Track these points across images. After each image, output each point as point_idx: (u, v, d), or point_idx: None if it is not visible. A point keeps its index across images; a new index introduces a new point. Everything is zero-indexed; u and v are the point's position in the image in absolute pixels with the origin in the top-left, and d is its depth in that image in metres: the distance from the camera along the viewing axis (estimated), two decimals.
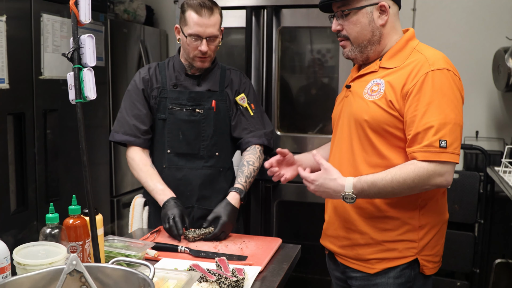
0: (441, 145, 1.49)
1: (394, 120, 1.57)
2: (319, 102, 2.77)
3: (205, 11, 2.01)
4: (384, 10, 1.62)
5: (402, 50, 1.64)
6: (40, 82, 2.65)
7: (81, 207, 1.57)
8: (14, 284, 1.02)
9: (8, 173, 2.50)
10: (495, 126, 3.41)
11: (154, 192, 2.05)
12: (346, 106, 1.73)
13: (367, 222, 1.66)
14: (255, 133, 2.18)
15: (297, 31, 2.73)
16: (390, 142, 1.60)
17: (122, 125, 2.15)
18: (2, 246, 1.29)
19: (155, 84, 2.16)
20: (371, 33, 1.63)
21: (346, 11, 1.63)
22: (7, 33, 2.41)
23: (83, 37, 1.23)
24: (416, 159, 1.52)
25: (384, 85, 1.59)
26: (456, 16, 3.41)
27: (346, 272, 1.77)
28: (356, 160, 1.65)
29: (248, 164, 2.13)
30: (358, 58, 1.70)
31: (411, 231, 1.63)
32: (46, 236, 1.44)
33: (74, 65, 1.21)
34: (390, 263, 1.65)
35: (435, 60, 1.55)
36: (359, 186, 1.56)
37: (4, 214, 2.46)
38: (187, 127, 2.14)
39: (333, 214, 1.76)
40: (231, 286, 1.49)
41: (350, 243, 1.71)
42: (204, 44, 2.03)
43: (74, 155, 2.94)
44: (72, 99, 1.23)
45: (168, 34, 4.03)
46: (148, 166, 2.11)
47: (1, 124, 2.44)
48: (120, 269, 1.06)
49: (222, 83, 2.20)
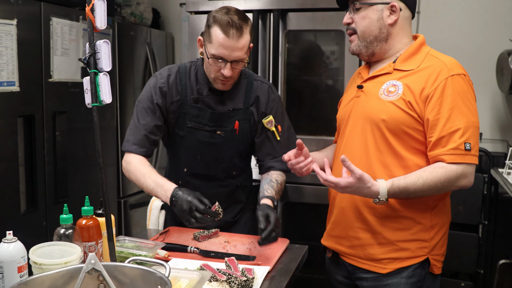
0: (466, 148, 1.54)
1: (412, 121, 1.60)
2: (325, 104, 2.80)
3: (233, 32, 1.77)
4: (395, 10, 1.66)
5: (416, 54, 1.68)
6: (49, 84, 2.69)
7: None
8: (35, 282, 1.05)
9: (18, 174, 2.54)
10: (498, 128, 3.44)
11: (155, 190, 1.82)
12: (358, 106, 1.74)
13: (380, 222, 1.67)
14: (279, 158, 2.00)
15: (302, 34, 2.77)
16: (406, 143, 1.62)
17: (133, 134, 1.96)
18: (19, 246, 1.32)
19: (175, 97, 1.96)
20: (379, 30, 1.68)
21: (358, 5, 1.68)
22: (17, 36, 2.46)
23: (99, 42, 1.26)
24: (444, 162, 1.56)
25: (401, 86, 1.62)
26: (460, 19, 3.44)
27: (355, 273, 1.77)
28: (370, 160, 1.67)
29: (277, 182, 2.00)
30: (363, 53, 1.73)
31: (423, 231, 1.66)
32: (60, 236, 1.48)
33: (90, 70, 1.24)
34: (402, 263, 1.66)
35: (453, 66, 1.60)
36: (392, 192, 1.57)
37: (14, 215, 2.50)
38: (206, 149, 2.00)
39: (341, 214, 1.77)
40: (241, 286, 1.51)
41: (361, 243, 1.71)
42: (228, 68, 1.82)
43: (82, 156, 2.98)
44: (88, 103, 1.26)
45: (174, 37, 4.07)
46: (145, 165, 1.90)
47: (11, 126, 2.48)
48: (138, 268, 1.09)
49: (248, 100, 1.99)
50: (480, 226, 3.01)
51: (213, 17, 1.80)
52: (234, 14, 1.79)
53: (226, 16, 1.77)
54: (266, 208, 1.81)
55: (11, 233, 1.34)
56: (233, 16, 1.77)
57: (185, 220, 1.70)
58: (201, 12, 2.79)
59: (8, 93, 2.43)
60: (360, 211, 1.70)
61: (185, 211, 1.68)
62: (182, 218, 1.71)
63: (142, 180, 1.87)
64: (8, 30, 2.40)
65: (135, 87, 3.50)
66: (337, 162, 1.81)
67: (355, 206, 1.71)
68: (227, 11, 1.80)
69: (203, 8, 2.78)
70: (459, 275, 3.09)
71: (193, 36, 2.82)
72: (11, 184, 2.50)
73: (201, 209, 1.66)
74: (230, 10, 1.81)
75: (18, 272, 1.30)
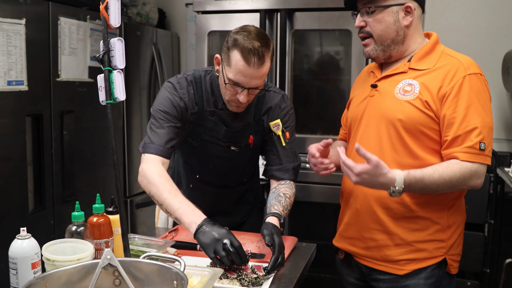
0: (481, 148, 1.53)
1: (429, 121, 1.58)
2: (331, 103, 2.81)
3: (255, 60, 1.67)
4: (410, 11, 1.63)
5: (431, 53, 1.65)
6: (57, 84, 2.70)
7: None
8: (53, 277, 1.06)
9: (26, 173, 2.55)
10: (504, 127, 3.44)
11: (180, 212, 1.65)
12: (372, 105, 1.71)
13: (396, 223, 1.65)
14: (282, 166, 1.97)
15: (309, 34, 2.78)
16: (422, 143, 1.61)
17: (156, 136, 1.81)
18: (33, 243, 1.34)
19: (194, 109, 1.89)
20: (396, 33, 1.64)
21: (373, 8, 1.63)
22: (26, 36, 2.47)
23: (113, 40, 1.27)
24: (457, 159, 1.54)
25: (418, 86, 1.60)
26: (466, 18, 3.44)
27: (370, 275, 1.74)
28: (386, 160, 1.60)
29: (285, 196, 1.91)
30: (380, 57, 1.69)
31: (440, 231, 1.64)
32: (72, 234, 1.49)
33: (104, 68, 1.25)
34: (420, 263, 1.65)
35: (470, 65, 1.59)
36: (408, 180, 1.54)
37: (23, 213, 2.51)
38: (219, 161, 1.98)
39: (355, 215, 1.74)
40: (251, 283, 1.51)
41: (376, 245, 1.69)
42: (244, 94, 1.75)
43: (89, 155, 3.00)
44: (102, 100, 1.27)
45: (179, 37, 4.09)
46: (171, 181, 1.74)
47: (20, 125, 2.50)
48: (154, 264, 1.10)
49: (259, 112, 1.95)
50: (486, 225, 3.02)
51: (234, 40, 1.70)
52: (256, 38, 1.69)
53: (248, 41, 1.67)
54: (271, 228, 1.71)
55: (25, 229, 1.35)
56: (255, 42, 1.67)
57: (211, 250, 1.54)
58: (208, 12, 2.81)
59: (17, 92, 2.44)
60: (375, 212, 1.68)
61: (217, 240, 1.54)
62: (208, 248, 1.55)
63: (164, 196, 1.69)
64: (17, 29, 2.42)
65: (141, 87, 3.52)
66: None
67: (369, 207, 1.69)
68: (248, 34, 1.69)
69: (210, 8, 2.80)
70: (465, 274, 3.09)
71: (200, 36, 2.84)
72: (20, 183, 2.51)
73: (236, 244, 1.53)
74: (251, 33, 1.70)
75: (32, 269, 1.32)
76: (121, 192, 1.26)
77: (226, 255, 1.51)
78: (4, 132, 2.41)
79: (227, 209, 2.10)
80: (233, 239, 1.54)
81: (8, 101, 2.41)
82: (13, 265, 1.30)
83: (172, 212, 1.67)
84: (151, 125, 1.85)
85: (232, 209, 2.11)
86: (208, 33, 2.81)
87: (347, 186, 1.79)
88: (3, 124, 2.40)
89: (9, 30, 2.38)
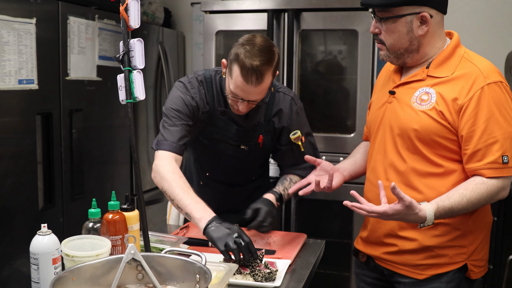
0: (503, 161, 1.51)
1: (444, 131, 1.56)
2: (338, 103, 2.84)
3: (253, 79, 1.71)
4: (425, 20, 1.55)
5: (451, 58, 1.60)
6: (66, 82, 2.73)
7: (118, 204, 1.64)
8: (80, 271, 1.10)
9: (36, 171, 2.57)
10: None
11: (191, 208, 1.69)
12: (389, 112, 1.69)
13: (416, 229, 1.62)
14: (300, 166, 2.04)
15: (316, 34, 2.81)
16: (437, 151, 1.59)
17: (169, 134, 1.86)
18: (54, 239, 1.37)
19: (204, 109, 1.93)
20: (409, 42, 1.59)
21: (386, 17, 1.57)
22: (36, 35, 2.50)
23: (132, 41, 1.30)
24: (483, 176, 1.53)
25: (435, 95, 1.57)
26: (469, 18, 3.48)
27: (393, 277, 1.74)
28: (406, 168, 1.63)
29: (290, 180, 2.03)
30: (394, 62, 1.67)
31: (461, 237, 1.62)
32: (88, 230, 1.52)
33: (124, 68, 1.28)
34: (440, 269, 1.63)
35: (489, 72, 1.53)
36: (438, 214, 1.52)
37: (33, 211, 2.54)
38: (229, 159, 2.02)
39: (376, 222, 1.73)
40: (264, 278, 1.55)
41: (398, 249, 1.68)
42: (243, 105, 1.80)
43: (97, 154, 3.02)
44: (122, 100, 1.30)
45: (185, 36, 4.11)
46: (184, 178, 1.78)
47: (30, 124, 2.52)
48: (178, 259, 1.14)
49: (270, 112, 1.98)
50: None
51: (237, 55, 1.72)
52: (258, 54, 1.69)
53: (248, 59, 1.69)
54: (261, 202, 1.87)
55: (45, 225, 1.38)
56: (256, 60, 1.68)
57: (222, 243, 1.57)
58: (215, 11, 2.84)
59: (27, 90, 2.47)
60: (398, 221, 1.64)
61: (228, 234, 1.58)
62: (219, 241, 1.58)
63: (176, 192, 1.73)
64: (27, 29, 2.44)
65: (148, 86, 3.54)
66: (371, 167, 1.78)
67: None
68: (251, 49, 1.70)
69: (218, 8, 2.83)
70: None
71: (207, 36, 2.87)
72: (30, 181, 2.54)
73: (246, 239, 1.56)
74: (254, 47, 1.71)
75: (52, 264, 1.35)
76: (140, 189, 1.29)
77: (237, 248, 1.54)
78: (15, 130, 2.43)
79: (237, 206, 2.12)
80: (243, 235, 1.58)
81: (18, 99, 2.44)
82: (34, 260, 1.33)
83: (183, 207, 1.71)
84: (163, 123, 1.89)
85: (242, 206, 2.13)
86: (216, 32, 2.84)
87: (369, 191, 1.78)
88: (14, 122, 2.42)
89: (20, 30, 2.40)
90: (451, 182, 1.59)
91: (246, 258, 1.55)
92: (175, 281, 1.15)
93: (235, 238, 1.56)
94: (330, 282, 2.94)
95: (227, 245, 1.56)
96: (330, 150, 2.74)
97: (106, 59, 3.01)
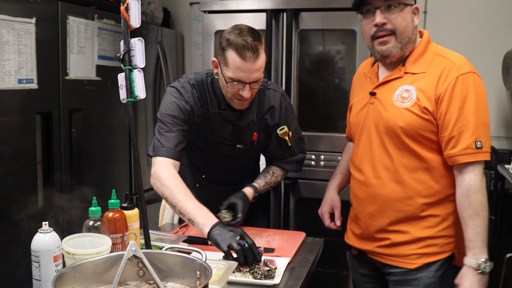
0: (477, 146, 1.59)
1: (428, 125, 1.63)
2: (337, 102, 2.85)
3: (250, 54, 1.74)
4: (416, 12, 1.68)
5: (424, 54, 1.69)
6: (66, 82, 2.74)
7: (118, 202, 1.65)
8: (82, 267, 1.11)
9: (36, 171, 2.58)
10: (504, 125, 3.50)
11: (194, 213, 1.70)
12: (372, 113, 1.75)
13: (408, 223, 1.71)
14: (286, 160, 2.12)
15: (315, 34, 2.82)
16: (425, 145, 1.66)
17: (166, 140, 1.86)
18: (55, 236, 1.38)
19: (198, 112, 1.94)
20: (411, 32, 1.67)
21: (396, 3, 1.62)
22: (36, 35, 2.51)
23: (133, 40, 1.31)
24: (457, 163, 1.61)
25: (415, 91, 1.64)
26: (467, 18, 3.49)
27: (384, 269, 1.80)
28: (395, 165, 1.69)
29: (272, 174, 2.09)
30: (396, 55, 1.68)
31: (449, 227, 1.70)
32: (89, 228, 1.53)
33: (125, 67, 1.29)
34: (430, 258, 1.71)
35: (462, 64, 1.63)
36: (483, 251, 1.60)
37: (33, 210, 2.55)
38: (225, 160, 2.05)
39: (369, 219, 1.78)
40: (263, 276, 1.56)
41: (390, 243, 1.74)
42: (247, 89, 1.81)
43: (97, 153, 3.03)
44: (123, 98, 1.31)
45: (184, 36, 4.12)
46: (184, 185, 1.79)
47: (30, 123, 2.53)
48: (179, 256, 1.15)
49: (261, 109, 2.01)
50: None
51: (227, 40, 1.76)
52: (247, 34, 1.75)
53: (240, 39, 1.73)
54: (239, 197, 1.95)
55: (47, 223, 1.39)
56: (247, 38, 1.74)
57: (225, 244, 1.59)
58: (214, 11, 2.85)
59: (27, 90, 2.48)
60: (388, 215, 1.73)
61: (232, 236, 1.60)
62: (223, 242, 1.60)
63: (178, 198, 1.74)
64: (27, 28, 2.45)
65: (147, 86, 3.54)
66: (355, 169, 1.84)
67: (382, 211, 1.74)
68: (240, 32, 1.76)
69: (217, 8, 2.84)
70: None
71: (206, 36, 2.88)
72: (30, 180, 2.55)
73: (250, 241, 1.59)
74: (242, 31, 1.77)
75: (54, 261, 1.35)
76: (141, 186, 1.30)
77: (241, 249, 1.56)
78: (15, 130, 2.44)
79: None
80: (246, 237, 1.61)
81: (18, 99, 2.45)
82: (35, 258, 1.34)
83: (186, 213, 1.72)
84: (159, 129, 1.89)
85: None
86: (215, 32, 2.85)
87: (357, 189, 1.83)
88: (14, 122, 2.43)
89: (19, 29, 2.41)
90: (439, 175, 1.67)
91: (249, 260, 1.57)
92: (175, 277, 1.16)
93: (239, 240, 1.58)
94: (328, 281, 2.95)
95: (231, 246, 1.57)
96: (328, 149, 2.76)
97: (105, 58, 3.02)
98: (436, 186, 1.67)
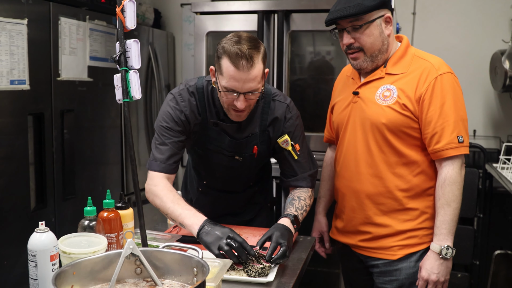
0: (459, 141, 1.72)
1: (409, 121, 1.75)
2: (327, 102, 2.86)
3: (243, 63, 1.65)
4: (389, 21, 1.77)
5: (404, 57, 1.81)
6: (57, 83, 2.74)
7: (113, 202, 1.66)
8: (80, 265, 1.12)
9: (28, 172, 2.58)
10: (492, 125, 3.56)
11: (182, 216, 1.72)
12: (356, 111, 1.85)
13: (389, 216, 1.83)
14: (298, 176, 1.98)
15: (306, 35, 2.85)
16: (406, 141, 1.78)
17: (160, 153, 1.86)
18: (51, 236, 1.39)
19: (196, 120, 1.89)
20: (381, 43, 1.77)
21: (359, 23, 1.73)
22: (28, 36, 2.50)
23: (129, 41, 1.33)
24: (442, 157, 1.73)
25: (396, 90, 1.76)
26: (455, 19, 3.55)
27: (367, 261, 1.92)
28: (375, 160, 1.81)
29: (299, 199, 1.92)
30: (368, 67, 1.82)
31: (428, 219, 1.82)
32: (84, 228, 1.54)
33: (121, 68, 1.30)
34: (411, 249, 1.83)
35: (440, 66, 1.76)
36: (448, 238, 1.73)
37: (25, 211, 2.55)
38: (224, 170, 1.99)
39: (352, 212, 1.90)
40: (257, 274, 1.57)
41: (372, 236, 1.87)
42: (241, 100, 1.72)
43: (88, 154, 3.03)
44: (119, 99, 1.33)
45: (175, 37, 4.13)
46: (174, 192, 1.81)
47: (22, 124, 2.53)
48: (176, 253, 1.16)
49: (265, 122, 1.91)
50: (476, 219, 3.13)
51: (222, 48, 1.70)
52: (245, 43, 1.67)
53: (235, 47, 1.66)
54: (275, 228, 1.74)
55: (43, 223, 1.40)
56: (243, 46, 1.66)
57: (215, 247, 1.58)
58: (206, 12, 2.86)
59: (19, 91, 2.48)
60: (369, 208, 1.84)
61: (218, 237, 1.59)
62: (212, 245, 1.59)
63: (168, 205, 1.76)
64: (19, 29, 2.45)
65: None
66: (342, 162, 1.93)
67: (363, 204, 1.85)
68: (237, 40, 1.69)
69: (208, 9, 2.85)
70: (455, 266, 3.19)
71: (198, 37, 2.89)
72: (22, 181, 2.54)
73: (239, 240, 1.58)
74: (240, 38, 1.70)
75: (50, 261, 1.36)
76: (137, 185, 1.31)
77: (230, 249, 1.56)
78: (7, 131, 2.44)
79: (236, 210, 2.15)
80: (236, 236, 1.60)
81: (10, 100, 2.44)
82: (32, 257, 1.34)
83: (175, 218, 1.75)
84: (155, 141, 1.91)
85: (241, 210, 2.16)
86: (207, 33, 2.87)
87: (341, 185, 1.94)
88: (5, 123, 2.43)
89: (11, 30, 2.41)
90: (417, 170, 1.79)
91: (243, 258, 1.57)
92: (172, 275, 1.18)
93: (227, 240, 1.58)
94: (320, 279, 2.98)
95: (220, 247, 1.58)
96: (319, 149, 2.79)
97: (97, 59, 3.02)
98: (414, 180, 1.78)
